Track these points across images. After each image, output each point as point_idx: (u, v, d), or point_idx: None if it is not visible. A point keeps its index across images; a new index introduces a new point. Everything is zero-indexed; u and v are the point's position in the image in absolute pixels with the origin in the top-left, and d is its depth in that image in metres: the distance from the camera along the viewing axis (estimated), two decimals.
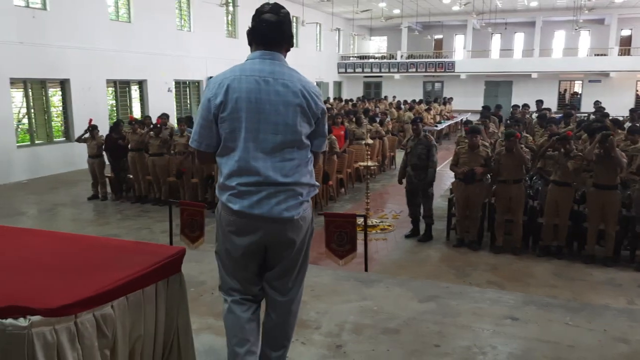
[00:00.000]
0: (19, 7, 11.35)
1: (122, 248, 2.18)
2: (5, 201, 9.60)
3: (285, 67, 2.14)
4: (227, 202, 2.09)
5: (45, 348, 1.51)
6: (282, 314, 2.26)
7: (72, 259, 2.01)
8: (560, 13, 25.31)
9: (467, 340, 2.89)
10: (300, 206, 2.13)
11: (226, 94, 2.05)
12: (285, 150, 2.08)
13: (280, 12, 2.16)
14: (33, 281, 1.76)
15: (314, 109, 2.12)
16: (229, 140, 2.07)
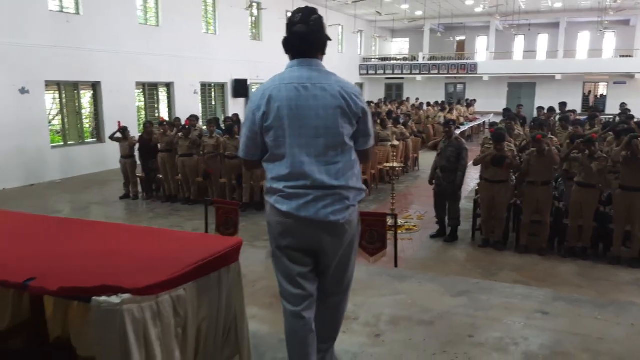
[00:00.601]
0: (53, 12, 11.76)
1: (187, 238, 2.39)
2: (41, 200, 9.97)
3: (323, 72, 2.21)
4: (275, 203, 2.18)
5: (134, 323, 1.72)
6: (331, 311, 2.36)
7: (147, 247, 2.23)
8: (584, 14, 25.06)
9: (500, 332, 3.04)
10: (347, 210, 2.18)
11: (268, 104, 2.14)
12: (329, 154, 2.15)
13: (310, 20, 2.20)
14: (119, 265, 1.98)
15: (354, 109, 2.17)
16: (275, 147, 2.17)
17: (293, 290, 2.26)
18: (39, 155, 11.59)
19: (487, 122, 20.10)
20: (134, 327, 1.73)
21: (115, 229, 2.59)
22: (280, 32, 9.66)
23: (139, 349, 1.74)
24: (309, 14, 2.21)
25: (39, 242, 2.36)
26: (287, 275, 2.26)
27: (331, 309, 2.39)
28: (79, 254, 2.16)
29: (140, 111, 14.69)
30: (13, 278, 1.87)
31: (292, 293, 2.26)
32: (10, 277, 1.88)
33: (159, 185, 10.07)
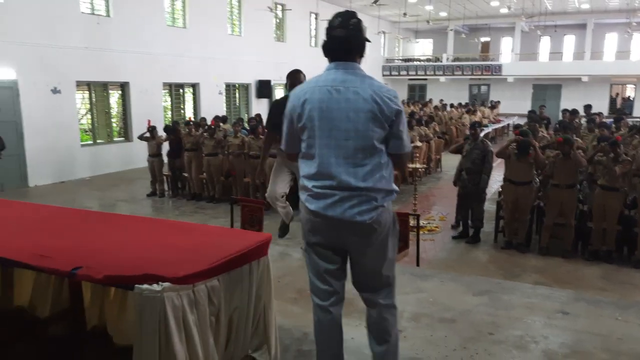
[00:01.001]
0: (84, 14, 12.09)
1: (221, 233, 2.52)
2: (71, 196, 10.27)
3: (358, 75, 2.24)
4: (305, 201, 2.28)
5: (174, 309, 1.85)
6: (377, 312, 2.38)
7: (183, 240, 2.36)
8: (612, 15, 24.64)
9: (520, 330, 3.10)
10: (374, 210, 2.20)
11: (302, 106, 2.23)
12: (358, 156, 2.18)
13: (349, 24, 2.24)
14: (158, 257, 2.11)
15: (386, 113, 2.18)
16: (307, 147, 2.26)
17: (321, 286, 2.35)
18: (69, 154, 11.93)
19: (511, 124, 19.93)
20: (174, 313, 1.85)
21: (152, 222, 2.74)
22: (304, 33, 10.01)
23: (178, 333, 1.87)
24: (349, 18, 2.26)
25: (81, 234, 2.51)
26: (316, 271, 2.36)
27: (377, 309, 2.39)
28: (120, 246, 2.30)
29: (167, 111, 14.99)
30: (61, 267, 2.01)
31: (320, 288, 2.36)
32: (59, 266, 2.02)
33: (184, 184, 10.30)
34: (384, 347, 2.40)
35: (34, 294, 3.10)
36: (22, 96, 10.71)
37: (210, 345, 2.08)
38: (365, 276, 2.36)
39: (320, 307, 2.37)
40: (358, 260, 2.32)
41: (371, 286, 2.37)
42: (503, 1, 19.41)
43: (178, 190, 10.27)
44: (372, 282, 2.36)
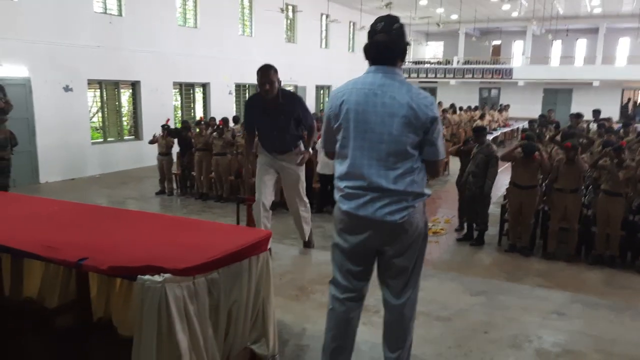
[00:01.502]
0: (97, 13, 12.28)
1: (222, 229, 2.61)
2: (81, 193, 10.42)
3: (397, 80, 2.26)
4: (339, 201, 2.34)
5: (175, 300, 1.93)
6: (395, 316, 2.42)
7: (185, 235, 2.45)
8: (625, 20, 24.49)
9: (515, 330, 3.16)
10: (405, 210, 2.23)
11: (340, 106, 2.29)
12: (390, 159, 2.22)
13: (392, 29, 2.27)
14: (161, 250, 2.20)
15: (422, 120, 2.20)
16: (341, 147, 2.32)
17: (341, 281, 2.44)
18: (80, 151, 12.12)
19: (520, 128, 19.89)
20: (176, 303, 1.94)
21: (155, 218, 2.83)
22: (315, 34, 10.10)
23: (181, 322, 1.95)
24: (391, 23, 2.28)
25: (87, 228, 2.61)
26: (339, 267, 2.43)
27: (395, 313, 2.42)
28: (125, 239, 2.40)
29: (177, 110, 15.14)
30: (68, 258, 2.11)
31: (340, 282, 2.44)
32: (66, 257, 2.12)
33: (192, 183, 10.42)
34: (396, 355, 2.44)
35: (43, 285, 3.20)
36: (34, 93, 10.92)
37: (209, 335, 2.16)
38: (394, 277, 2.38)
39: (335, 298, 2.45)
40: (390, 258, 2.35)
41: (397, 289, 2.39)
42: (514, 4, 19.39)
43: (187, 189, 10.40)
44: (399, 284, 2.38)
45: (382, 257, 2.38)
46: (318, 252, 4.77)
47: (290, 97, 4.42)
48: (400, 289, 2.39)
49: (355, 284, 2.42)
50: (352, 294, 2.43)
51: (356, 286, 2.43)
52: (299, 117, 4.39)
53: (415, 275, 2.41)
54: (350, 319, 2.46)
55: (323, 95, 22.91)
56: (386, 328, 2.48)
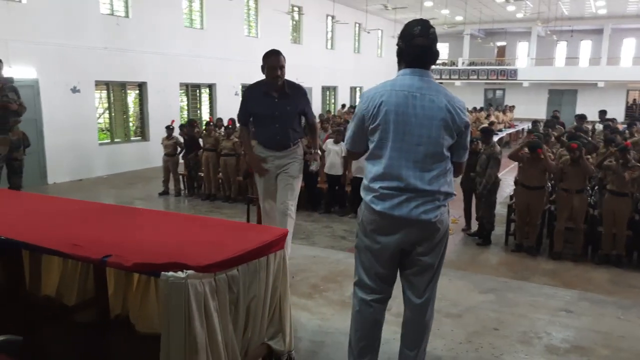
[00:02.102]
0: (104, 15, 12.38)
1: (240, 227, 2.68)
2: (89, 194, 10.50)
3: (433, 83, 2.32)
4: (370, 202, 2.34)
5: (196, 295, 1.99)
6: (416, 315, 2.46)
7: (205, 233, 2.52)
8: (630, 20, 24.51)
9: (524, 327, 3.21)
10: (438, 209, 2.30)
11: (378, 107, 2.30)
12: (427, 161, 2.27)
13: (429, 34, 2.32)
14: (183, 247, 2.26)
15: (457, 123, 2.29)
16: (377, 148, 2.33)
17: (368, 283, 2.47)
18: (87, 152, 12.21)
19: (525, 128, 19.90)
20: (196, 299, 2.00)
21: (175, 217, 2.91)
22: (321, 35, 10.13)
23: (199, 317, 2.01)
24: (428, 27, 2.33)
25: (109, 226, 2.68)
26: (366, 269, 2.46)
27: (416, 313, 2.47)
28: (146, 237, 2.47)
29: (183, 111, 15.24)
30: (92, 255, 2.17)
31: (366, 284, 2.47)
32: (90, 254, 2.18)
33: (200, 183, 10.49)
34: (414, 353, 2.49)
35: (61, 283, 3.28)
36: (42, 95, 11.01)
37: (229, 330, 2.22)
38: (420, 274, 2.42)
39: (362, 300, 2.48)
40: (417, 256, 2.39)
41: (421, 287, 2.44)
42: (519, 6, 19.43)
43: (194, 189, 10.47)
44: (423, 283, 2.43)
45: (408, 256, 2.41)
46: (329, 250, 4.84)
47: (297, 89, 4.04)
48: (423, 288, 2.43)
49: (382, 286, 2.46)
50: (379, 296, 2.47)
51: (383, 289, 2.47)
52: (304, 112, 4.09)
53: (439, 272, 2.48)
54: (377, 320, 2.51)
55: (329, 96, 22.98)
56: (406, 326, 2.52)
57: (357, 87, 24.87)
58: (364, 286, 2.49)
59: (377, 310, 2.50)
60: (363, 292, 2.49)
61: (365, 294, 2.48)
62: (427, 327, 2.51)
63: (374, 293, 2.47)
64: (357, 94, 25.03)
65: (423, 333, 2.51)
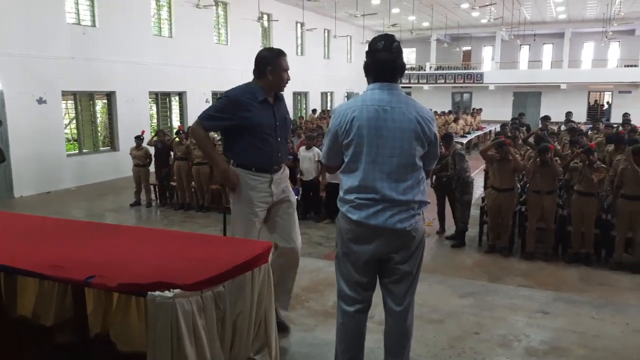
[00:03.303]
0: (70, 24, 12.14)
1: (224, 242, 2.67)
2: (57, 207, 10.26)
3: (402, 96, 2.39)
4: (347, 212, 2.40)
5: (185, 314, 1.98)
6: (397, 323, 2.51)
7: (189, 249, 2.50)
8: (589, 24, 25.37)
9: (504, 330, 3.29)
10: (413, 218, 2.37)
11: (350, 123, 2.36)
12: (401, 171, 2.34)
13: (392, 48, 2.37)
14: (168, 265, 2.24)
15: (427, 134, 2.37)
16: (352, 161, 2.39)
17: (349, 293, 2.51)
18: (55, 164, 11.92)
19: (492, 130, 20.34)
20: (184, 318, 1.99)
21: (157, 233, 2.87)
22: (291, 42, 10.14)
23: (188, 337, 2.01)
24: (391, 42, 2.39)
25: (91, 245, 2.63)
26: (347, 279, 2.51)
27: (398, 320, 2.52)
28: (130, 256, 2.44)
29: (153, 119, 15.04)
30: (75, 276, 2.14)
31: (348, 295, 2.51)
32: (73, 275, 2.15)
33: (172, 193, 10.36)
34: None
35: (38, 303, 3.20)
36: (7, 106, 10.72)
37: (217, 347, 2.22)
38: (397, 281, 2.48)
39: (345, 312, 2.53)
40: (395, 265, 2.44)
41: (400, 295, 2.49)
42: (484, 11, 19.88)
43: (166, 199, 10.33)
44: (403, 290, 2.48)
45: (386, 265, 2.46)
46: (308, 259, 4.84)
47: (282, 97, 3.40)
48: (402, 295, 2.49)
49: (363, 294, 2.51)
50: (360, 305, 2.52)
51: (364, 297, 2.52)
52: None
53: (417, 279, 2.54)
54: (361, 330, 2.56)
55: (300, 101, 23.02)
56: (388, 335, 2.57)
57: (328, 92, 25.01)
58: (345, 297, 2.54)
59: (360, 321, 2.55)
60: (345, 304, 2.53)
61: (348, 306, 2.52)
62: (408, 334, 2.57)
63: (356, 303, 2.52)
64: (328, 99, 25.18)
65: (405, 340, 2.56)
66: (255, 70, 3.20)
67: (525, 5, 21.50)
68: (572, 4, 21.06)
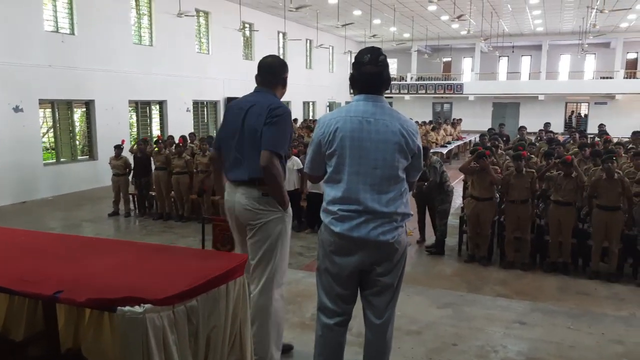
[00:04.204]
0: (48, 32, 11.99)
1: (198, 255, 2.62)
2: (33, 217, 10.08)
3: (386, 108, 2.40)
4: (330, 224, 2.40)
5: (155, 330, 1.94)
6: (377, 335, 2.50)
7: (161, 262, 2.45)
8: (566, 37, 25.91)
9: (481, 341, 3.30)
10: (396, 230, 2.37)
11: (333, 134, 2.36)
12: (384, 183, 2.34)
13: (379, 61, 2.39)
14: (140, 279, 2.19)
15: (411, 146, 2.37)
16: (335, 172, 2.39)
17: (330, 306, 2.49)
18: (31, 173, 11.72)
19: (472, 140, 20.57)
20: (155, 333, 1.94)
21: (130, 245, 2.81)
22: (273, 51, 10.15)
23: (158, 353, 1.96)
24: (377, 55, 2.41)
25: (60, 258, 2.57)
26: (328, 292, 2.49)
27: (378, 334, 2.50)
28: (100, 269, 2.38)
29: (132, 128, 14.89)
30: (43, 291, 2.08)
31: (328, 307, 2.50)
32: (41, 290, 2.09)
33: (151, 203, 10.23)
34: None
35: (8, 318, 3.11)
36: None
37: None
38: (378, 293, 2.47)
39: (325, 325, 2.51)
40: (377, 277, 2.43)
41: (381, 308, 2.48)
42: (463, 23, 20.16)
43: (145, 209, 10.20)
44: (383, 303, 2.47)
45: (367, 277, 2.45)
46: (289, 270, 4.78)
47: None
48: (383, 308, 2.48)
49: (343, 307, 2.50)
50: (341, 318, 2.51)
51: (345, 309, 2.51)
52: None
53: (398, 292, 2.53)
54: (340, 343, 2.54)
55: None
56: (368, 347, 2.55)
57: (310, 101, 25.05)
58: (325, 309, 2.52)
59: (340, 333, 2.53)
60: (325, 317, 2.52)
61: (328, 318, 2.51)
62: (388, 347, 2.56)
63: (336, 316, 2.51)
64: (310, 109, 25.21)
65: (384, 353, 2.55)
66: (271, 76, 2.98)
67: (503, 18, 21.87)
68: (549, 17, 21.49)
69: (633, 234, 6.41)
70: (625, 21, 21.66)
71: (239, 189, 2.85)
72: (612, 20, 20.44)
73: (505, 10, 20.30)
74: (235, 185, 2.87)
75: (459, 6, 17.66)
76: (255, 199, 2.81)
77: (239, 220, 2.91)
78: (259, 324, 2.82)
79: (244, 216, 2.85)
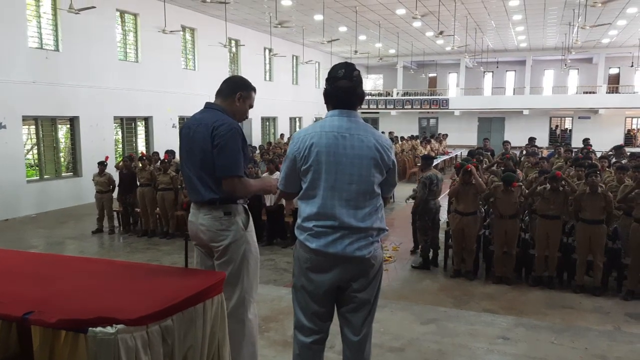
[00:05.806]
0: (32, 48, 11.92)
1: (174, 273, 2.57)
2: (16, 234, 9.92)
3: (360, 123, 2.40)
4: (305, 240, 2.37)
5: (127, 351, 1.88)
6: (355, 352, 2.48)
7: (136, 280, 2.40)
8: (549, 53, 26.35)
9: (465, 357, 3.26)
10: (371, 245, 2.36)
11: (308, 149, 2.35)
12: (359, 199, 2.33)
13: (353, 76, 2.41)
14: (112, 298, 2.15)
15: (386, 161, 2.38)
16: (310, 188, 2.37)
17: (306, 324, 2.46)
18: (14, 190, 11.56)
19: (459, 155, 20.71)
20: (127, 354, 1.89)
21: (104, 264, 2.76)
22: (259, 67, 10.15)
23: None
24: (352, 71, 2.42)
25: (31, 277, 2.51)
26: (304, 310, 2.46)
27: (355, 350, 2.48)
28: (72, 289, 2.32)
29: (118, 144, 14.78)
30: (13, 312, 2.02)
31: (305, 326, 2.46)
32: (10, 311, 2.03)
33: (136, 220, 10.12)
34: None
35: None
36: None
37: None
38: (357, 310, 2.44)
39: (302, 344, 2.48)
40: (353, 293, 2.41)
41: (358, 324, 2.45)
42: (448, 39, 20.42)
43: (130, 226, 10.08)
44: (360, 319, 2.45)
45: (344, 293, 2.42)
46: (270, 287, 4.75)
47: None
48: (360, 324, 2.45)
49: (320, 325, 2.47)
50: (317, 336, 2.48)
51: (322, 327, 2.48)
52: None
53: (375, 308, 2.50)
54: (319, 358, 2.51)
55: (268, 126, 23.03)
56: None
57: (297, 117, 25.11)
58: (302, 328, 2.49)
59: (317, 352, 2.50)
60: (302, 335, 2.48)
61: (305, 337, 2.47)
62: (366, 355, 2.52)
63: (313, 334, 2.48)
64: (296, 124, 25.25)
65: None
66: (225, 89, 3.02)
67: (487, 34, 22.19)
68: (533, 33, 21.85)
69: (617, 248, 6.44)
70: (606, 37, 22.09)
71: (201, 210, 2.82)
72: (594, 35, 20.82)
73: (489, 27, 20.62)
74: (197, 207, 2.85)
75: (443, 22, 17.89)
76: (217, 219, 2.78)
77: (203, 241, 2.87)
78: (232, 346, 2.73)
79: (207, 236, 2.83)
